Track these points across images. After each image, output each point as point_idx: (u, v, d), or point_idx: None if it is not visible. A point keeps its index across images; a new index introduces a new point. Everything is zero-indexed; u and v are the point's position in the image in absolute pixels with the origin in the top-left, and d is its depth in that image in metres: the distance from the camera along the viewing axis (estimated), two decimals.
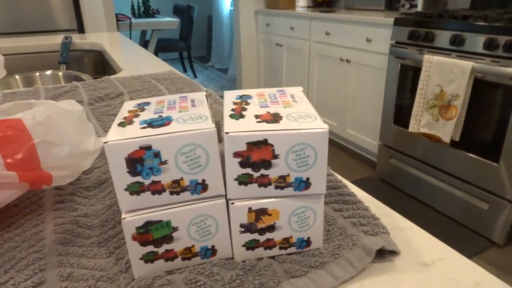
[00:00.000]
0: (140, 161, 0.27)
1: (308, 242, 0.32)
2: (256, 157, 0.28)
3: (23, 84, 1.16)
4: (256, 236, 0.31)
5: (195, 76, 4.76)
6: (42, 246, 0.34)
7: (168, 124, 0.28)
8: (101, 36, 1.75)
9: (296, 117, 0.29)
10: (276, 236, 0.31)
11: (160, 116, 0.30)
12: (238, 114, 0.30)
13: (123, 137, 0.26)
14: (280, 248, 0.32)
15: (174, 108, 0.31)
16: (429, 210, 1.93)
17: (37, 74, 1.18)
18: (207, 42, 5.86)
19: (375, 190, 2.14)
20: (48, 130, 0.36)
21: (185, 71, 4.96)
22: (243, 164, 0.28)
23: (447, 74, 1.68)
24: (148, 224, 0.29)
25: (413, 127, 1.86)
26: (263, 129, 0.28)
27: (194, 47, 5.35)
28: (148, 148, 0.27)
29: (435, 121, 1.78)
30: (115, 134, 0.27)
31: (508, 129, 1.53)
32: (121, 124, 0.29)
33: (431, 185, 1.92)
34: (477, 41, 1.59)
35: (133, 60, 1.22)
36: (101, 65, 1.53)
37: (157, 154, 0.27)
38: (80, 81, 1.03)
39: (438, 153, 1.85)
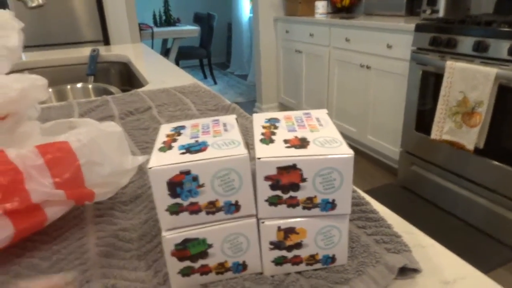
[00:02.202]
0: (180, 184, 0.29)
1: (333, 259, 0.34)
2: (286, 181, 0.30)
3: (56, 97, 1.22)
4: (284, 252, 0.33)
5: (215, 83, 4.83)
6: (87, 258, 0.37)
7: (204, 149, 0.31)
8: (126, 48, 1.81)
9: (322, 142, 0.31)
10: (303, 253, 0.33)
11: (197, 141, 0.32)
12: (268, 139, 0.33)
13: (165, 163, 0.29)
14: (307, 264, 0.34)
15: (209, 133, 0.34)
16: (451, 218, 1.90)
17: (68, 87, 1.24)
18: (226, 49, 5.94)
19: (396, 197, 2.13)
20: (92, 152, 0.39)
21: (205, 77, 5.04)
22: (273, 187, 0.30)
23: (471, 81, 1.66)
24: (186, 241, 0.31)
25: (435, 134, 1.85)
26: (292, 154, 0.30)
27: (214, 54, 5.43)
28: (188, 172, 0.29)
29: (458, 128, 1.76)
30: (157, 159, 0.30)
31: None
32: (161, 149, 0.32)
33: (454, 192, 1.90)
34: (501, 47, 1.57)
35: (157, 71, 1.26)
36: (126, 76, 1.59)
37: (195, 178, 0.29)
38: (109, 94, 1.08)
39: (462, 160, 1.83)
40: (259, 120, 0.37)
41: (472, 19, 1.78)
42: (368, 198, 0.44)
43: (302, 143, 0.31)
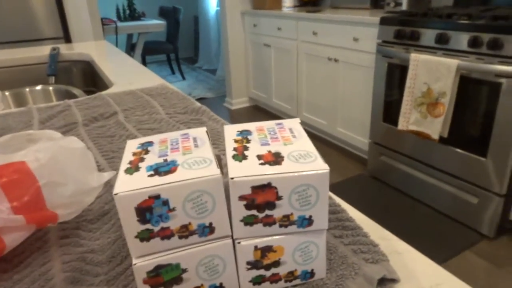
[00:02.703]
0: (149, 209, 0.28)
1: (312, 273, 0.33)
2: (261, 199, 0.29)
3: (14, 101, 1.15)
4: (262, 271, 0.32)
5: (184, 78, 4.75)
6: (52, 286, 0.35)
7: (174, 170, 0.29)
8: (88, 46, 1.73)
9: (297, 157, 0.30)
10: (282, 270, 0.32)
11: (165, 160, 0.31)
12: (240, 155, 0.31)
13: (132, 188, 0.27)
14: (286, 281, 0.33)
15: (178, 150, 0.32)
16: (420, 206, 1.97)
17: (27, 89, 1.17)
18: (194, 43, 5.84)
19: (366, 187, 2.17)
20: (53, 171, 0.37)
21: (173, 73, 4.94)
22: (248, 207, 0.29)
23: (434, 72, 1.71)
24: (158, 268, 0.30)
25: (402, 124, 1.89)
26: (266, 172, 0.29)
27: (181, 49, 5.32)
28: (157, 197, 0.28)
29: (423, 118, 1.81)
30: (123, 184, 0.28)
31: (495, 124, 1.56)
32: (127, 171, 0.30)
33: (422, 181, 1.96)
34: (461, 39, 1.62)
35: (122, 71, 1.21)
36: (90, 76, 1.53)
37: (165, 202, 0.28)
38: (71, 97, 1.03)
39: (428, 149, 1.89)
40: (230, 132, 0.36)
41: (434, 12, 1.83)
42: (343, 204, 0.44)
43: (276, 158, 0.30)
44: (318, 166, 0.29)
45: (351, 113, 2.39)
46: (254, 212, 0.30)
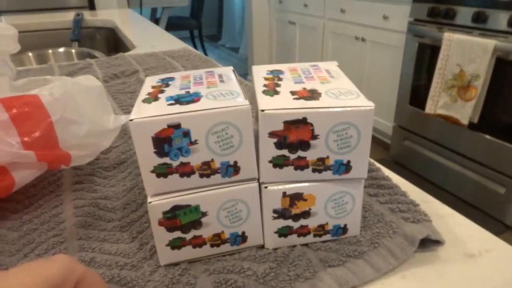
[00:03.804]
0: (168, 140, 0.25)
1: (344, 229, 0.30)
2: (294, 138, 0.26)
3: (36, 61, 1.14)
4: (289, 222, 0.29)
5: (206, 55, 4.71)
6: (63, 229, 0.33)
7: (197, 100, 0.26)
8: (112, 13, 1.71)
9: (336, 94, 0.27)
10: (311, 222, 0.29)
11: (188, 92, 0.27)
12: (272, 90, 0.28)
13: (149, 114, 0.24)
14: (315, 236, 0.30)
15: (202, 84, 0.29)
16: (443, 193, 1.90)
17: (50, 51, 1.16)
18: (218, 20, 5.76)
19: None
20: (66, 107, 0.34)
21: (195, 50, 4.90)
22: (279, 145, 0.26)
23: (468, 53, 1.61)
24: (175, 208, 0.27)
25: (430, 108, 1.81)
26: (302, 106, 0.25)
27: (205, 26, 5.26)
28: (177, 126, 0.24)
29: (453, 102, 1.72)
30: (140, 111, 0.25)
31: None
32: (145, 100, 0.27)
33: (446, 167, 1.89)
34: (500, 18, 1.52)
35: (146, 37, 1.19)
36: (113, 43, 1.50)
37: (186, 134, 0.25)
38: (93, 58, 1.01)
39: (455, 135, 1.81)
40: (260, 71, 0.32)
41: None
42: (381, 167, 0.40)
43: (313, 94, 0.27)
44: (362, 102, 0.25)
45: (376, 95, 2.31)
46: (285, 152, 0.26)
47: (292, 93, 0.27)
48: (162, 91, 0.28)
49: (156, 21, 4.10)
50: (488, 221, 1.70)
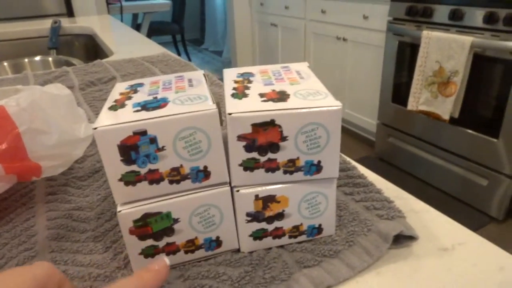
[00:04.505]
0: (134, 148, 0.24)
1: (319, 229, 0.30)
2: (263, 140, 0.25)
3: (12, 71, 1.12)
4: (263, 225, 0.29)
5: (190, 60, 4.69)
6: (34, 242, 0.32)
7: (164, 106, 0.25)
8: (91, 20, 1.69)
9: (305, 95, 0.27)
10: (285, 224, 0.29)
11: (155, 98, 0.27)
12: (241, 93, 0.28)
13: (114, 122, 0.24)
14: (290, 237, 0.29)
15: (170, 89, 0.29)
16: (428, 188, 1.93)
17: (26, 60, 1.14)
18: (200, 24, 5.75)
19: (374, 170, 2.12)
20: (34, 117, 0.33)
21: (179, 54, 4.88)
22: (248, 148, 0.26)
23: (446, 50, 1.64)
24: (146, 216, 0.26)
25: (411, 105, 1.84)
26: (269, 108, 0.25)
27: (187, 30, 5.23)
28: (143, 133, 0.24)
29: (434, 98, 1.75)
30: (105, 119, 0.24)
31: (508, 104, 1.50)
32: (112, 108, 0.26)
33: (430, 162, 1.91)
34: (476, 15, 1.55)
35: (125, 43, 1.17)
36: (92, 50, 1.49)
37: (153, 140, 0.24)
38: (71, 66, 1.00)
39: (437, 130, 1.84)
40: (230, 75, 0.32)
41: None
42: (357, 165, 0.40)
43: (281, 96, 0.27)
44: (329, 102, 0.25)
45: (359, 93, 2.33)
46: (255, 155, 0.26)
47: (261, 95, 0.27)
48: (129, 98, 0.28)
49: (137, 26, 4.07)
50: (472, 213, 1.73)
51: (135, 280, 0.21)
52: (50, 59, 1.17)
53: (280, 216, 0.28)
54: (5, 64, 1.12)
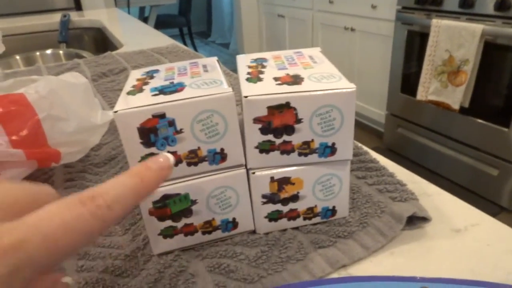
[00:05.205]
0: (153, 130, 0.25)
1: (333, 211, 0.30)
2: (278, 122, 0.26)
3: (24, 64, 1.13)
4: (279, 206, 0.29)
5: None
6: None
7: (181, 90, 0.26)
8: (99, 13, 1.70)
9: (319, 78, 0.27)
10: (300, 206, 0.29)
11: (172, 83, 0.28)
12: (255, 78, 0.28)
13: (134, 105, 0.25)
14: (304, 219, 0.30)
15: (186, 74, 0.29)
16: (438, 178, 1.92)
17: (38, 53, 1.15)
18: (207, 17, 5.74)
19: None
20: (53, 105, 0.34)
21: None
22: (264, 131, 0.26)
23: (456, 39, 1.62)
24: (165, 197, 0.27)
25: (421, 94, 1.82)
26: (284, 91, 0.25)
27: (194, 23, 5.23)
28: (162, 116, 0.25)
29: (443, 87, 1.74)
30: (125, 102, 0.25)
31: None
32: (130, 93, 0.27)
33: (440, 153, 1.90)
34: (487, 2, 1.53)
35: (134, 35, 1.18)
36: (101, 43, 1.50)
37: (171, 123, 0.25)
38: (81, 59, 1.01)
39: (447, 120, 1.82)
40: (244, 60, 0.32)
41: None
42: (369, 150, 0.41)
43: (295, 79, 0.27)
44: (343, 85, 0.26)
45: (367, 84, 2.31)
46: (270, 137, 0.26)
47: (275, 79, 0.27)
48: (146, 83, 0.28)
49: (144, 20, 4.07)
50: (483, 204, 1.72)
51: (134, 180, 0.17)
52: (61, 52, 1.18)
53: (295, 198, 0.29)
54: (17, 57, 1.13)
